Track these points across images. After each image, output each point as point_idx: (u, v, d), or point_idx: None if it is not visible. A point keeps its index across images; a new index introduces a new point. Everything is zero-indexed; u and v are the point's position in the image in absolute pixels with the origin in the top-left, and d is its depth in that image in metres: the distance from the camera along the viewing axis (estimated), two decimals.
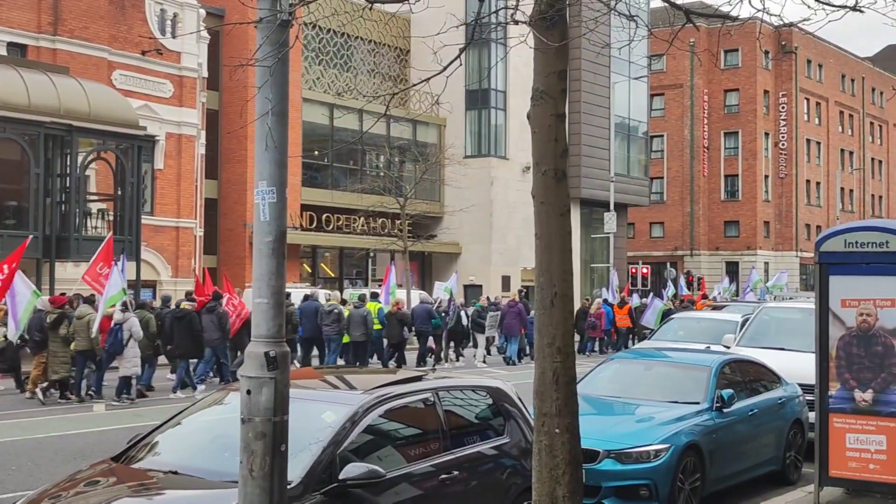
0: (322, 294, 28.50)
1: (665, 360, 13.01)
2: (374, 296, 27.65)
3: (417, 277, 46.93)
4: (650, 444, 10.08)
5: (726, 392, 11.18)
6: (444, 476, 7.50)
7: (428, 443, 7.71)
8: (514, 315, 28.88)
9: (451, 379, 9.25)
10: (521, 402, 8.73)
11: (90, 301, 19.66)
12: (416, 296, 33.51)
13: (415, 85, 7.34)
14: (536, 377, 6.55)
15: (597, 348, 33.59)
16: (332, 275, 46.36)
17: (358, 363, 24.30)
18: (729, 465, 11.02)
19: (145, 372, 20.02)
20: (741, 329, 18.08)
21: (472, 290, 43.68)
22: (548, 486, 6.43)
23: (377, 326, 25.36)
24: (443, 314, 28.17)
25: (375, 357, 26.16)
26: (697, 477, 10.37)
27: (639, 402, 11.47)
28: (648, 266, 58.81)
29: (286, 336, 5.50)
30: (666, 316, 29.06)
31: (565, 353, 6.49)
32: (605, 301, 35.48)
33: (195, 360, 20.73)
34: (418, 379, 8.41)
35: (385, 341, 26.18)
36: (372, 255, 46.26)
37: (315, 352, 25.22)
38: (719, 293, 45.84)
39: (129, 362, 18.54)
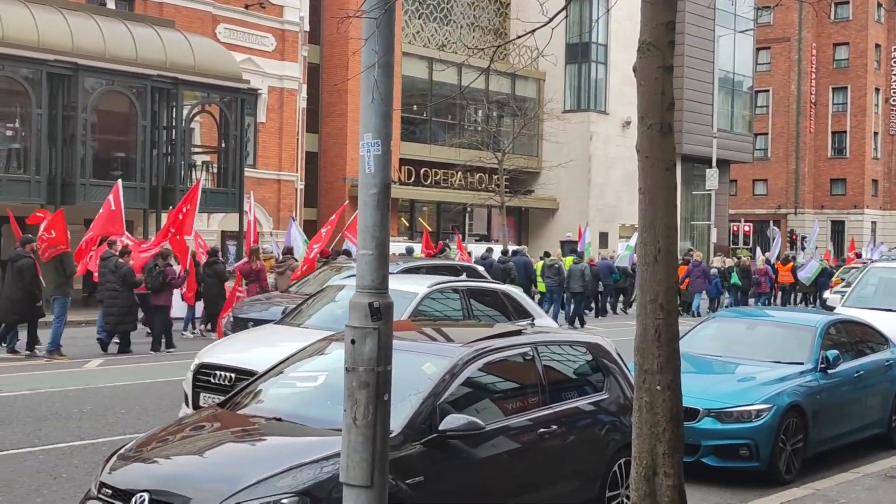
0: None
1: (768, 320, 12.79)
2: (573, 251, 32.34)
3: (514, 233, 46.88)
4: (752, 404, 9.96)
5: (831, 353, 10.96)
6: (541, 430, 7.52)
7: (526, 397, 7.73)
8: (700, 273, 31.88)
9: (550, 334, 9.24)
10: (621, 359, 8.69)
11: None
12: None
13: (519, 37, 7.27)
14: (638, 333, 6.49)
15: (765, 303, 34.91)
16: (430, 229, 46.63)
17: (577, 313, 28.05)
18: (832, 426, 10.83)
19: None
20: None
21: (568, 247, 43.49)
22: (648, 443, 6.39)
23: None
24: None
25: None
26: (800, 438, 10.22)
27: (740, 361, 11.32)
28: (751, 224, 57.78)
29: None
30: (823, 275, 33.91)
31: (668, 310, 6.42)
32: (767, 260, 36.86)
33: None
34: (517, 333, 8.42)
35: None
36: (469, 209, 46.31)
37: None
38: (868, 252, 45.22)
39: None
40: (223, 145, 30.82)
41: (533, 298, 28.68)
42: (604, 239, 47.67)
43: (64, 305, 17.87)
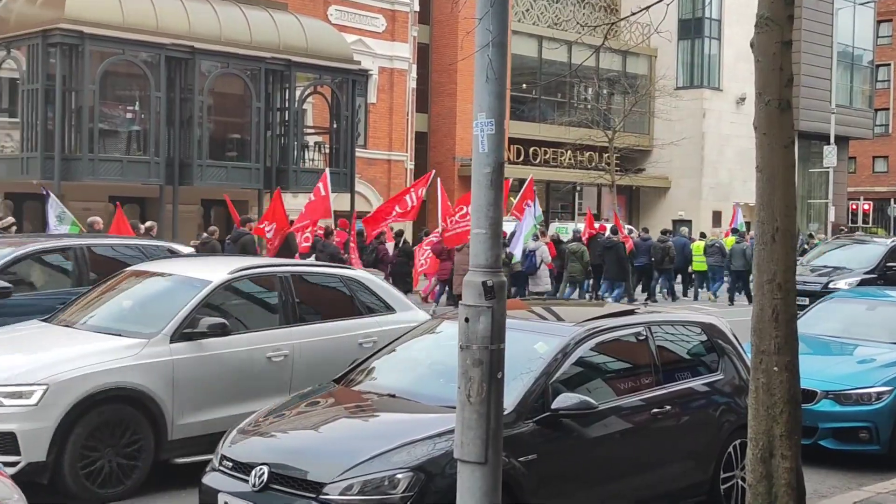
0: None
1: (889, 300, 12.45)
2: (735, 231, 32.39)
3: (625, 212, 46.44)
4: (872, 386, 9.74)
5: None
6: (654, 410, 7.48)
7: (639, 377, 7.70)
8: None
9: (663, 313, 9.16)
10: (736, 339, 8.57)
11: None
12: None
13: (634, 14, 7.20)
14: (755, 314, 6.39)
15: None
16: (540, 208, 46.45)
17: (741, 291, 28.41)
18: None
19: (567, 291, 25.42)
20: None
21: (680, 226, 42.89)
22: (764, 425, 6.30)
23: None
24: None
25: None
26: None
27: (860, 342, 11.06)
28: (870, 202, 56.06)
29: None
30: None
31: (786, 290, 6.30)
32: None
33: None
34: (630, 313, 8.37)
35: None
36: (579, 188, 46.00)
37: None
38: None
39: (542, 280, 22.91)
40: (334, 126, 31.19)
41: (689, 279, 30.32)
42: (717, 218, 46.87)
43: None
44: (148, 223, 20.22)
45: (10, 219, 18.85)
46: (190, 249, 14.51)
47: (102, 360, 8.17)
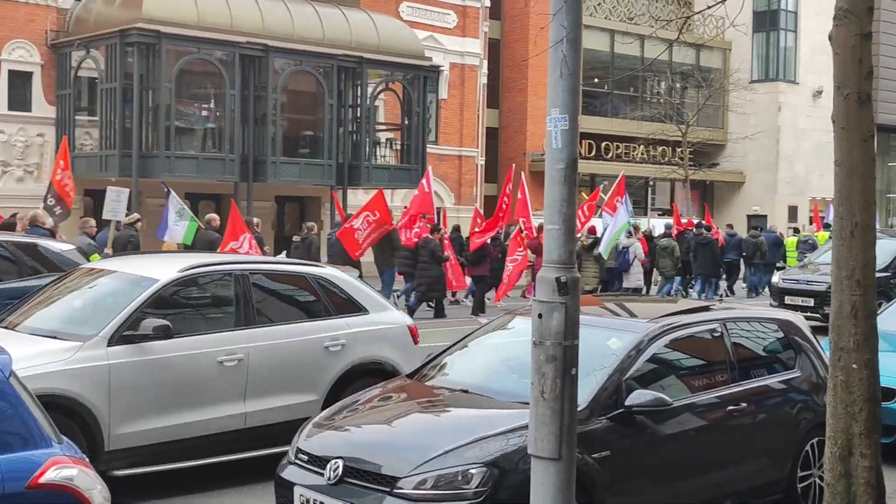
0: None
1: None
2: (827, 226, 31.37)
3: (697, 207, 45.91)
4: None
5: None
6: (730, 408, 7.41)
7: (714, 374, 7.63)
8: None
9: (739, 310, 9.06)
10: (814, 336, 8.44)
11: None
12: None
13: (709, 7, 7.12)
14: (833, 310, 6.30)
15: None
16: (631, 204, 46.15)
17: None
18: None
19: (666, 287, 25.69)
20: None
21: (756, 222, 42.28)
22: (843, 423, 6.21)
23: None
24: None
25: None
26: None
27: None
28: None
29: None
30: None
31: (865, 286, 6.20)
32: None
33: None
34: (705, 309, 8.30)
35: None
36: (651, 183, 45.61)
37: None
38: None
39: (634, 277, 23.10)
40: (406, 122, 31.33)
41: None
42: (793, 213, 46.14)
43: (391, 275, 20.85)
44: (255, 220, 21.07)
45: (136, 215, 19.09)
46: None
47: (31, 365, 7.30)
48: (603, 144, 43.42)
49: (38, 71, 27.51)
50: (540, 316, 5.54)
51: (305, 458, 6.64)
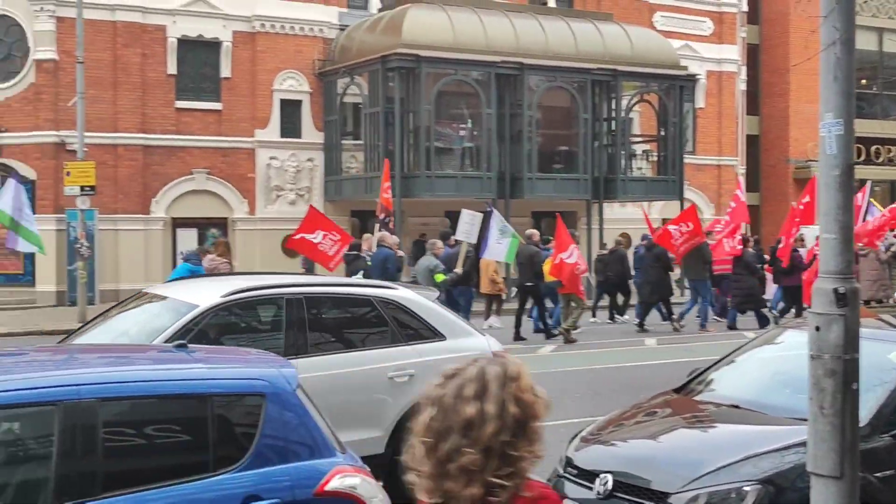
0: None
1: None
2: None
3: None
4: None
5: None
6: None
7: None
8: None
9: None
10: None
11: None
12: None
13: None
14: None
15: None
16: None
17: None
18: None
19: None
20: None
21: None
22: None
23: None
24: None
25: None
26: None
27: None
28: None
29: None
30: None
31: None
32: None
33: None
34: None
35: None
36: None
37: None
38: None
39: None
40: (662, 133, 30.93)
41: None
42: None
43: (706, 287, 20.90)
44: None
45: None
46: None
47: None
48: (873, 148, 41.18)
49: (306, 99, 29.05)
50: (818, 328, 5.33)
51: (575, 471, 6.67)
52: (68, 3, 24.65)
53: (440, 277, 16.49)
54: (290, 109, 28.95)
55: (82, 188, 22.30)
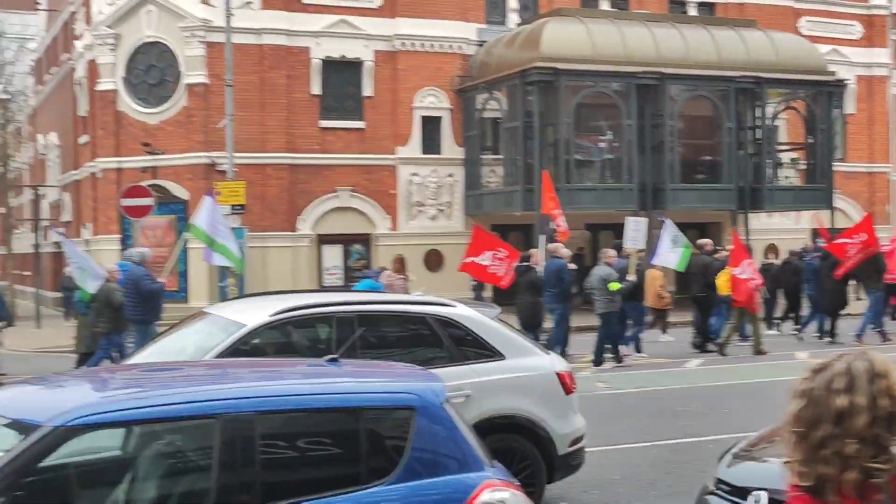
0: None
1: None
2: None
3: None
4: None
5: None
6: None
7: None
8: None
9: None
10: None
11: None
12: None
13: None
14: None
15: None
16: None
17: None
18: None
19: None
20: None
21: None
22: None
23: None
24: None
25: None
26: None
27: None
28: None
29: None
30: None
31: None
32: None
33: None
34: None
35: None
36: None
37: None
38: None
39: None
40: (810, 141, 30.07)
41: None
42: None
43: (878, 300, 19.96)
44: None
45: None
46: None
47: None
48: None
49: (446, 115, 29.33)
50: None
51: (727, 488, 6.51)
52: (217, 28, 25.51)
53: (615, 286, 16.65)
54: (431, 126, 29.27)
55: (233, 207, 22.95)
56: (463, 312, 8.30)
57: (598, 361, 17.02)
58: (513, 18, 30.48)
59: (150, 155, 26.94)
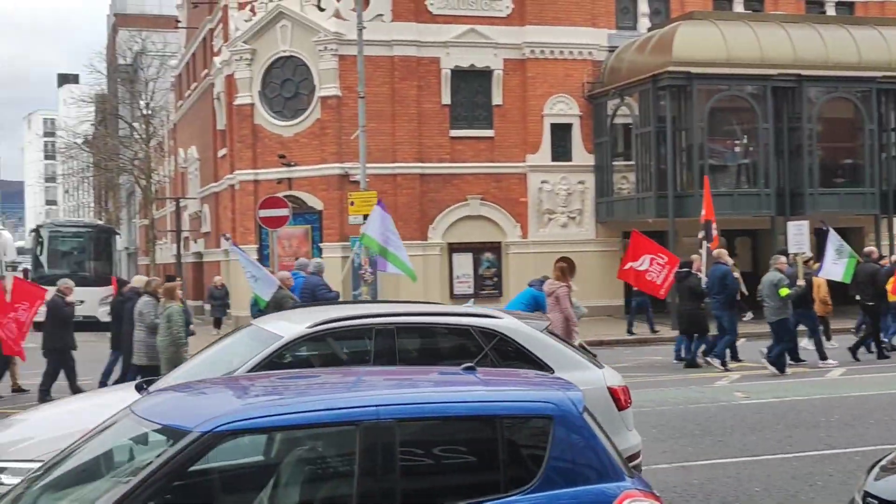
0: None
1: None
2: None
3: None
4: None
5: None
6: None
7: None
8: None
9: None
10: None
11: None
12: None
13: None
14: None
15: None
16: None
17: None
18: None
19: None
20: None
21: None
22: None
23: None
24: None
25: None
26: None
27: None
28: None
29: None
30: None
31: None
32: None
33: None
34: None
35: None
36: None
37: None
38: None
39: None
40: None
41: None
42: None
43: None
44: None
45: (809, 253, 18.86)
46: None
47: None
48: None
49: (576, 122, 29.20)
50: None
51: (875, 502, 6.30)
52: (350, 41, 25.93)
53: (784, 291, 16.47)
54: (561, 133, 29.16)
55: (365, 217, 23.27)
56: (509, 324, 8.00)
57: (780, 369, 16.66)
58: (644, 23, 30.16)
59: (285, 167, 27.57)
